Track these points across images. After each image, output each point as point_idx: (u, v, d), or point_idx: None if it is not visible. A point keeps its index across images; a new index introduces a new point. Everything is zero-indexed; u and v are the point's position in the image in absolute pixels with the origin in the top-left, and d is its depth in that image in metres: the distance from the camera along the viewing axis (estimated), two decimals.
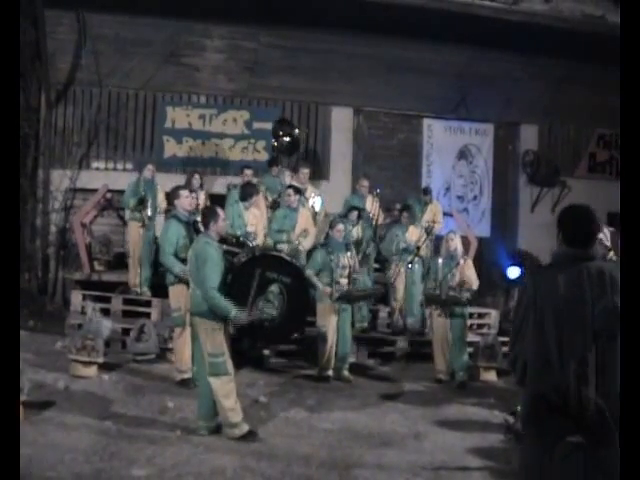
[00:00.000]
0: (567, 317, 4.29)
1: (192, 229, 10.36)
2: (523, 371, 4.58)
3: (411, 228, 13.83)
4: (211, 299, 8.03)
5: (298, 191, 12.96)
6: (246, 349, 11.14)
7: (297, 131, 15.98)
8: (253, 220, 12.24)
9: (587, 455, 4.22)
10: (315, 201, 14.03)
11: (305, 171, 14.22)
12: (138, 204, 13.04)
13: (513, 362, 4.80)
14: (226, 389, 8.17)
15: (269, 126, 16.35)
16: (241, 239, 10.29)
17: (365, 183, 14.63)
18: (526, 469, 4.49)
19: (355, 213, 13.40)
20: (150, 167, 13.45)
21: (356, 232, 13.33)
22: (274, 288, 8.46)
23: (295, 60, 15.92)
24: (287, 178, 14.03)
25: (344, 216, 13.37)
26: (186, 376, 10.33)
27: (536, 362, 4.37)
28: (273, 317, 8.40)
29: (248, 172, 14.25)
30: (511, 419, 8.73)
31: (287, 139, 15.74)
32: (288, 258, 9.19)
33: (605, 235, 11.85)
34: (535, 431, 4.40)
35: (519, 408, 6.61)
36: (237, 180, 14.48)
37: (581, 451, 4.21)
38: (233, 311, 8.03)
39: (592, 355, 4.24)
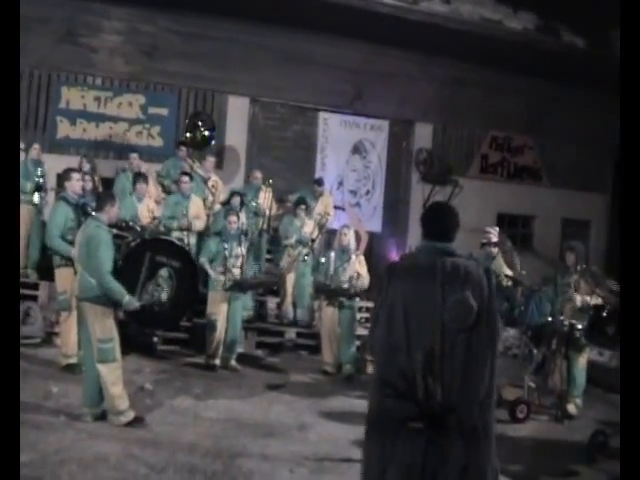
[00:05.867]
0: (416, 308, 4.40)
1: (80, 212, 10.18)
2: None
3: (307, 220, 13.92)
4: (106, 283, 7.96)
5: (192, 178, 12.97)
6: (134, 335, 11.05)
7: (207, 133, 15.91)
8: (148, 213, 12.17)
9: (428, 441, 4.33)
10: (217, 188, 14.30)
11: (211, 159, 14.34)
12: (36, 189, 12.67)
13: (371, 349, 4.94)
14: (114, 376, 8.13)
15: (164, 112, 16.26)
16: (130, 224, 10.21)
17: (258, 175, 14.59)
18: (369, 453, 4.58)
19: (237, 199, 13.30)
20: (36, 146, 13.15)
21: (242, 219, 12.99)
22: (164, 272, 8.45)
23: (193, 46, 15.77)
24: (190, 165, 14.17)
25: (227, 203, 13.38)
26: (72, 361, 10.18)
27: (386, 349, 4.47)
28: (162, 302, 8.40)
29: (133, 156, 14.15)
30: None
31: (206, 133, 15.62)
32: (178, 242, 9.20)
33: (494, 233, 12.14)
34: (380, 416, 4.50)
35: None
36: (125, 164, 14.28)
37: (422, 437, 4.32)
38: (127, 296, 8.01)
39: (439, 346, 4.35)
